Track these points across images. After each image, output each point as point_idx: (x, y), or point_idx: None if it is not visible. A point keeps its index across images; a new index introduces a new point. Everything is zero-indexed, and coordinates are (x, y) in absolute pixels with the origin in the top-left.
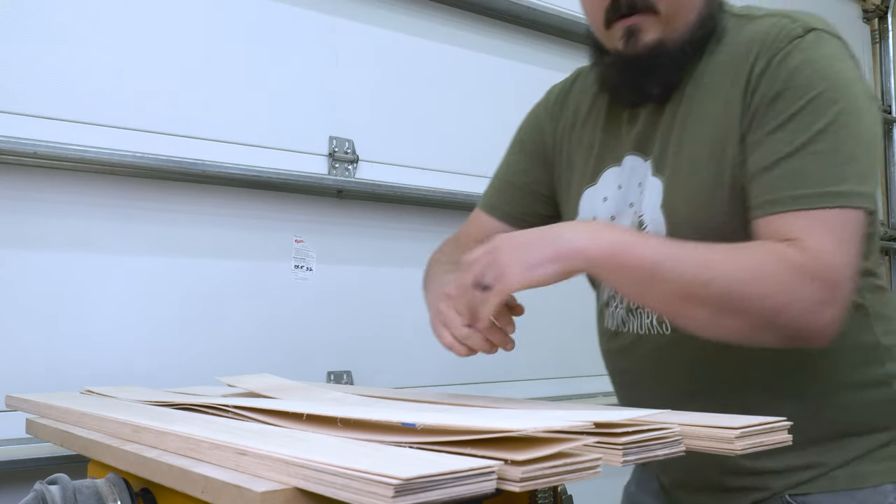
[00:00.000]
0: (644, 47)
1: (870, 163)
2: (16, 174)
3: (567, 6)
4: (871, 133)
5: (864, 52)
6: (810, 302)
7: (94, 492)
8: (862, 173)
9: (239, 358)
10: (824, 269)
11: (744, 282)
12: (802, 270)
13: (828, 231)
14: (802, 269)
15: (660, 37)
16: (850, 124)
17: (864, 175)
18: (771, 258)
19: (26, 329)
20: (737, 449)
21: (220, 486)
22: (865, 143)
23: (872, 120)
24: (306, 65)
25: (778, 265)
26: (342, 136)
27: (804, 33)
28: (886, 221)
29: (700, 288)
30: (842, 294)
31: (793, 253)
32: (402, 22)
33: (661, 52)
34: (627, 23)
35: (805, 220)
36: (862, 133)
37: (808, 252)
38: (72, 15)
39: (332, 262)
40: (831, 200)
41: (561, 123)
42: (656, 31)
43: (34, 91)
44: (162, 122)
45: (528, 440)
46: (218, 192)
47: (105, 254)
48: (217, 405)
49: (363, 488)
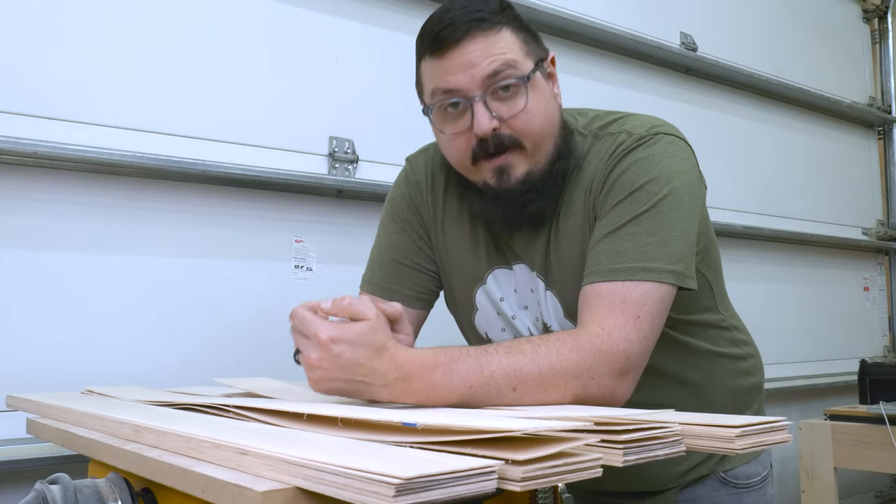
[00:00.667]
0: (516, 182)
1: (683, 246)
2: (16, 174)
3: (567, 6)
4: (689, 219)
5: (864, 52)
6: (605, 377)
7: (94, 491)
8: (673, 254)
9: (239, 358)
10: (613, 345)
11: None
12: (597, 352)
13: (627, 307)
14: (598, 350)
15: (527, 169)
16: (667, 211)
17: (674, 255)
18: (568, 346)
19: (27, 329)
20: (737, 448)
21: (220, 486)
22: (681, 228)
23: (694, 206)
24: (306, 65)
25: (577, 353)
26: (342, 136)
27: (636, 143)
28: (886, 221)
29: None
30: (631, 363)
31: (588, 338)
32: (402, 22)
33: (531, 185)
34: (498, 162)
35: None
36: (679, 219)
37: (604, 332)
38: (72, 16)
39: (332, 262)
40: (641, 275)
41: (433, 210)
42: (524, 165)
43: (34, 91)
44: (162, 122)
45: (529, 440)
46: (218, 192)
47: (105, 254)
48: (218, 405)
49: (364, 488)
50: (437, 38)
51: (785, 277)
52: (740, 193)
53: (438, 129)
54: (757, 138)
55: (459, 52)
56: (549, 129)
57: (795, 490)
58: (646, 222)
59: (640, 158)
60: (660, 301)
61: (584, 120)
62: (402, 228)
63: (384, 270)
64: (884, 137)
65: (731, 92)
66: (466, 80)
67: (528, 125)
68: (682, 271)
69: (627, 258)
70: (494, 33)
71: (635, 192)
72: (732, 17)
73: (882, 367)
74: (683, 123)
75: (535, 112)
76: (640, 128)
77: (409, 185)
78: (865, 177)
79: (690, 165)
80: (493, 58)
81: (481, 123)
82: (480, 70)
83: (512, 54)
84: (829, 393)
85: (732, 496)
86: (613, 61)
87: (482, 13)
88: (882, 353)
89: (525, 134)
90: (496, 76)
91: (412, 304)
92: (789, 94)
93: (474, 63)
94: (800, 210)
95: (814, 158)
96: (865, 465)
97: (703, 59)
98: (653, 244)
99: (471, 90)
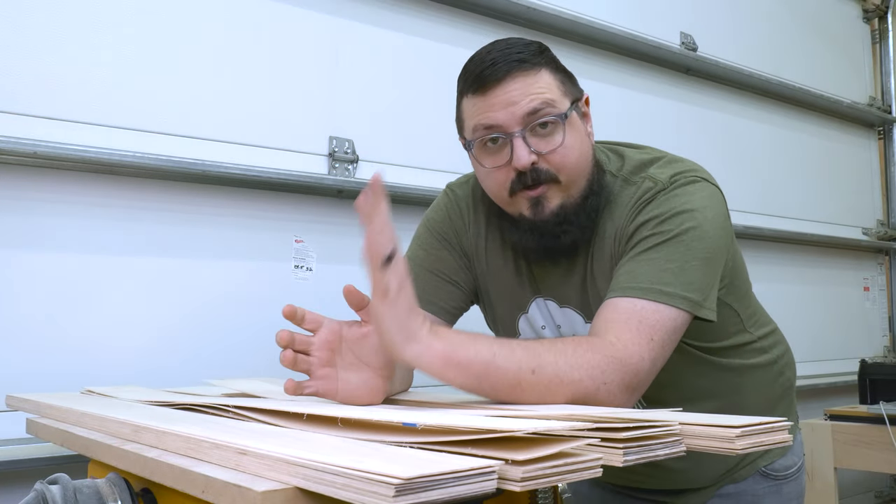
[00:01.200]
0: (551, 213)
1: (702, 276)
2: (16, 174)
3: (567, 6)
4: (712, 252)
5: (864, 52)
6: (614, 385)
7: (94, 491)
8: (690, 282)
9: (239, 358)
10: (628, 357)
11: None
12: (612, 358)
13: (643, 328)
14: (613, 357)
15: (561, 202)
16: (689, 241)
17: (692, 284)
18: (584, 347)
19: (27, 329)
20: (737, 448)
21: (220, 486)
22: (702, 260)
23: (718, 241)
24: (306, 65)
25: (593, 354)
26: (342, 136)
27: (665, 187)
28: (886, 221)
29: (529, 376)
30: (640, 379)
31: (604, 344)
32: (402, 22)
33: (564, 217)
34: (533, 193)
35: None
36: (700, 250)
37: (619, 342)
38: (72, 16)
39: (332, 262)
40: (655, 296)
41: (475, 240)
42: (558, 198)
43: (34, 91)
44: (162, 122)
45: (529, 440)
46: (218, 192)
47: (105, 254)
48: (217, 405)
49: (364, 488)
50: (480, 77)
51: (785, 277)
52: (740, 193)
53: (479, 163)
54: (757, 138)
55: (501, 90)
56: (584, 165)
57: None
58: (665, 250)
59: (663, 201)
60: (673, 330)
61: (617, 160)
62: (443, 245)
63: (420, 281)
64: (884, 137)
65: (731, 92)
66: (507, 117)
67: (564, 160)
68: (697, 300)
69: (643, 279)
70: (534, 74)
71: (657, 226)
72: (732, 17)
73: (882, 367)
74: (683, 123)
75: (570, 148)
76: (664, 174)
77: (452, 210)
78: (865, 177)
79: (716, 202)
80: (533, 96)
81: (521, 157)
82: (521, 108)
83: (550, 94)
84: (829, 393)
85: (772, 487)
86: (613, 61)
87: (522, 55)
88: (882, 353)
89: (561, 168)
90: (535, 114)
91: (444, 317)
92: (789, 94)
93: (515, 101)
94: (800, 210)
95: (814, 158)
96: (865, 465)
97: (703, 58)
98: (670, 270)
99: (511, 126)
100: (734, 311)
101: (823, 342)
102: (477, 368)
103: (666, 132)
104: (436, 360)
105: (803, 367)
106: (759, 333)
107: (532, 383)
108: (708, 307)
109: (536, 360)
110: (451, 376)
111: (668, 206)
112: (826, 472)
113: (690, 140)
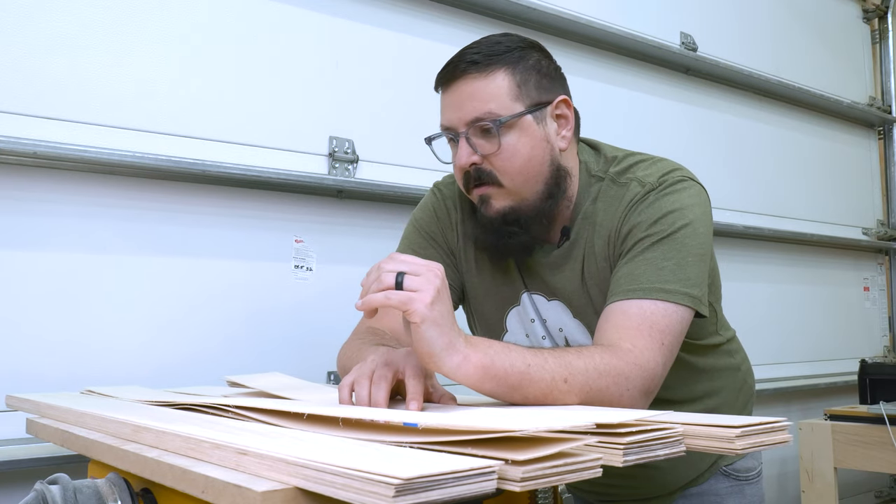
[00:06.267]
0: (496, 213)
1: (698, 272)
2: (16, 174)
3: (567, 6)
4: (703, 248)
5: (864, 52)
6: (636, 391)
7: (94, 492)
8: (689, 278)
9: (239, 358)
10: (646, 362)
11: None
12: (633, 365)
13: (654, 333)
14: (634, 363)
15: (511, 205)
16: (682, 239)
17: (690, 280)
18: (608, 354)
19: (26, 329)
20: (737, 448)
21: (220, 486)
22: (696, 256)
23: (707, 238)
24: (306, 65)
25: (617, 362)
26: (342, 136)
27: (654, 187)
28: (886, 221)
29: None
30: (656, 384)
31: (623, 352)
32: (402, 22)
33: (514, 219)
34: (479, 192)
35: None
36: (694, 247)
37: (636, 349)
38: (72, 16)
39: (332, 262)
40: (658, 295)
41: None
42: (505, 201)
43: (34, 91)
44: (162, 122)
45: (529, 440)
46: (218, 192)
47: (105, 254)
48: (217, 405)
49: (364, 488)
50: (439, 77)
51: (785, 277)
52: (740, 193)
53: (449, 159)
54: (757, 138)
55: (453, 91)
56: (534, 170)
57: (795, 490)
58: (661, 248)
59: (653, 202)
60: (680, 332)
61: (603, 162)
62: (430, 244)
63: None
64: (884, 137)
65: (731, 92)
66: (455, 119)
67: (505, 165)
68: (697, 296)
69: (644, 279)
70: (483, 77)
71: (650, 226)
72: (732, 16)
73: (882, 367)
74: (683, 123)
75: (513, 153)
76: (652, 176)
77: (438, 208)
78: (865, 177)
79: (702, 200)
80: (476, 105)
81: (460, 157)
82: (464, 114)
83: (495, 102)
84: (829, 393)
85: (734, 487)
86: (613, 61)
87: (479, 55)
88: (882, 353)
89: (503, 172)
90: (475, 120)
91: None
92: (789, 93)
93: (460, 105)
94: (800, 210)
95: (814, 158)
96: (865, 465)
97: (703, 58)
98: (668, 268)
99: (458, 127)
100: (713, 310)
101: (823, 342)
102: (513, 380)
103: (666, 132)
104: (475, 372)
105: (803, 366)
106: (726, 336)
107: (564, 391)
108: (704, 303)
109: (568, 370)
110: (487, 387)
111: (659, 206)
112: (826, 472)
113: (690, 140)
